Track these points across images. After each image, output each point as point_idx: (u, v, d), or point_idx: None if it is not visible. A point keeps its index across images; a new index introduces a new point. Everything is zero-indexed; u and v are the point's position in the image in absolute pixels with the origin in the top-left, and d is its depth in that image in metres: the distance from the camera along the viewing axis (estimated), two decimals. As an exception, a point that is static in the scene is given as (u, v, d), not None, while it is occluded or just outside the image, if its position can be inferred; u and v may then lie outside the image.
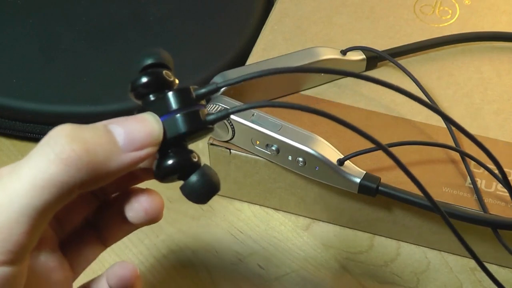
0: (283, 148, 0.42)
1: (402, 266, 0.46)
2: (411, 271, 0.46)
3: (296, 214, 0.49)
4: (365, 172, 0.42)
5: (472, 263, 0.46)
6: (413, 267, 0.46)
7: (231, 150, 0.46)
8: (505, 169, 0.44)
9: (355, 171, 0.42)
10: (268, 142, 0.43)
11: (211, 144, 0.46)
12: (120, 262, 0.34)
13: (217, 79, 0.46)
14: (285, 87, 0.49)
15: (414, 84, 0.48)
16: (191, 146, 0.30)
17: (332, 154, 0.42)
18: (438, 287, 0.45)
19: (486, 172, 0.43)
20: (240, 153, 0.45)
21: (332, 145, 0.42)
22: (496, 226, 0.41)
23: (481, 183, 0.44)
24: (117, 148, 0.26)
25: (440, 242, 0.46)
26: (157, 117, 0.28)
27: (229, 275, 0.46)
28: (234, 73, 0.46)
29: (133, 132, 0.27)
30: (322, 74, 0.49)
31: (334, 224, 0.49)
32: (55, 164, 0.25)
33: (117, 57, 0.55)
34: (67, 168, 0.25)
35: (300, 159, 0.42)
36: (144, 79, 0.29)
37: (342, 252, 0.47)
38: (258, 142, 0.44)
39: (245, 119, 0.43)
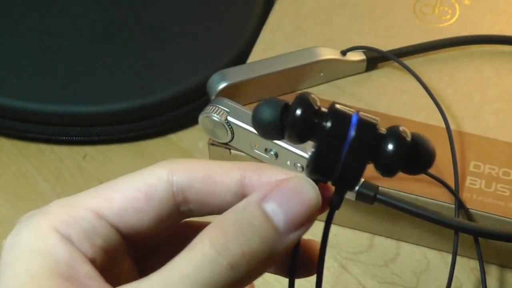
0: (282, 153, 0.42)
1: (402, 266, 0.46)
2: (411, 271, 0.46)
3: (296, 214, 0.49)
4: (363, 179, 0.41)
5: (472, 263, 0.46)
6: (413, 267, 0.46)
7: (231, 151, 0.46)
8: (506, 169, 0.45)
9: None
10: (267, 146, 0.43)
11: (211, 144, 0.46)
12: None
13: (216, 78, 0.46)
14: (284, 87, 0.49)
15: (415, 84, 0.48)
16: (190, 146, 0.30)
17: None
18: (438, 287, 0.45)
19: (486, 172, 0.43)
20: (240, 153, 0.45)
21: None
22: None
23: (481, 183, 0.44)
24: (278, 235, 0.23)
25: (440, 242, 0.46)
26: (311, 182, 0.24)
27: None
28: (233, 72, 0.46)
29: (292, 211, 0.23)
30: (322, 73, 0.49)
31: (333, 223, 0.48)
32: (226, 270, 0.22)
33: (117, 57, 0.55)
34: (234, 271, 0.22)
35: (299, 164, 0.42)
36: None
37: (341, 251, 0.47)
38: (257, 146, 0.44)
39: (244, 122, 0.43)
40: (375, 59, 0.50)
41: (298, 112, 0.23)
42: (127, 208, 0.24)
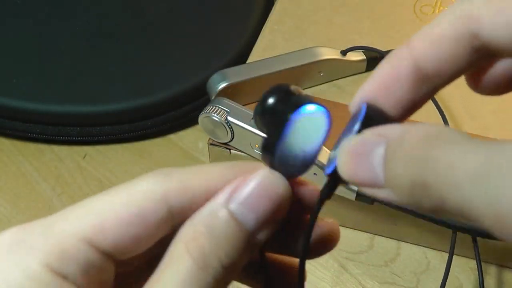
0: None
1: (402, 266, 0.46)
2: (411, 271, 0.46)
3: (296, 214, 0.49)
4: None
5: (472, 263, 0.46)
6: (413, 267, 0.46)
7: (231, 150, 0.46)
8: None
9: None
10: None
11: (211, 144, 0.46)
12: None
13: (216, 78, 0.46)
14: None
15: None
16: (190, 146, 0.30)
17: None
18: (438, 287, 0.45)
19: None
20: (240, 153, 0.45)
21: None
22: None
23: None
24: (249, 235, 0.23)
25: (440, 242, 0.46)
26: (278, 175, 0.24)
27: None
28: (233, 72, 0.46)
29: (261, 210, 0.23)
30: (322, 73, 0.49)
31: (334, 224, 0.49)
32: (211, 284, 0.22)
33: (117, 57, 0.55)
34: (207, 274, 0.22)
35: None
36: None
37: (341, 251, 0.47)
38: (257, 146, 0.44)
39: (244, 122, 0.43)
40: (375, 59, 0.50)
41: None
42: (123, 236, 0.23)
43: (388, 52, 0.50)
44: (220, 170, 0.24)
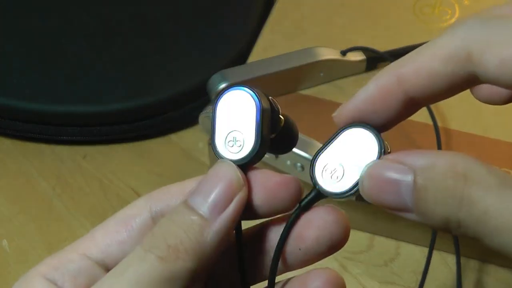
0: (282, 152, 0.43)
1: (402, 266, 0.46)
2: (411, 271, 0.46)
3: (296, 214, 0.49)
4: None
5: (472, 263, 0.46)
6: (413, 267, 0.46)
7: (231, 150, 0.46)
8: (506, 169, 0.45)
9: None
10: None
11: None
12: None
13: (216, 78, 0.46)
14: (284, 87, 0.49)
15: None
16: (190, 146, 0.30)
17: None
18: (438, 287, 0.45)
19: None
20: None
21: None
22: None
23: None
24: (205, 221, 0.24)
25: (440, 242, 0.46)
26: (228, 162, 0.25)
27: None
28: (233, 72, 0.46)
29: (210, 193, 0.24)
30: (322, 73, 0.49)
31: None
32: (157, 262, 0.23)
33: (117, 57, 0.55)
34: (166, 263, 0.24)
35: (299, 164, 0.42)
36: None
37: (341, 251, 0.47)
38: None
39: None
40: (375, 59, 0.50)
41: None
42: (110, 243, 0.26)
43: (388, 52, 0.50)
44: (196, 178, 0.26)
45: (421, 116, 0.48)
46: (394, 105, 0.24)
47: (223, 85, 0.46)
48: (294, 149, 0.42)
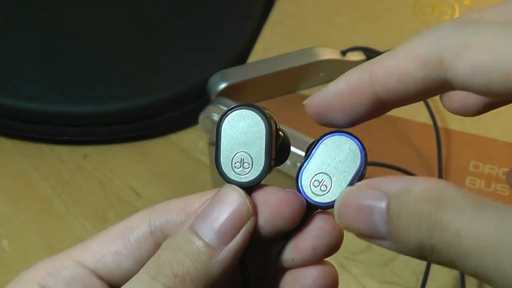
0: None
1: (402, 266, 0.46)
2: (411, 271, 0.46)
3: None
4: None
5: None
6: (413, 267, 0.46)
7: (231, 150, 0.46)
8: (505, 169, 0.45)
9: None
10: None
11: (211, 144, 0.46)
12: None
13: (216, 78, 0.46)
14: (284, 87, 0.49)
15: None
16: (190, 146, 0.30)
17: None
18: (438, 287, 0.45)
19: (486, 172, 0.44)
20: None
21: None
22: None
23: (481, 183, 0.44)
24: (212, 250, 0.23)
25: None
26: (234, 187, 0.24)
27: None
28: (233, 72, 0.46)
29: (217, 221, 0.24)
30: (322, 73, 0.49)
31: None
32: None
33: (117, 57, 0.55)
34: (156, 282, 0.23)
35: (299, 164, 0.42)
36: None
37: (341, 251, 0.47)
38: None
39: None
40: (375, 59, 0.51)
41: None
42: (106, 253, 0.26)
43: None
44: (199, 194, 0.26)
45: (421, 116, 0.48)
46: (363, 104, 0.23)
47: (223, 85, 0.46)
48: (294, 149, 0.42)
